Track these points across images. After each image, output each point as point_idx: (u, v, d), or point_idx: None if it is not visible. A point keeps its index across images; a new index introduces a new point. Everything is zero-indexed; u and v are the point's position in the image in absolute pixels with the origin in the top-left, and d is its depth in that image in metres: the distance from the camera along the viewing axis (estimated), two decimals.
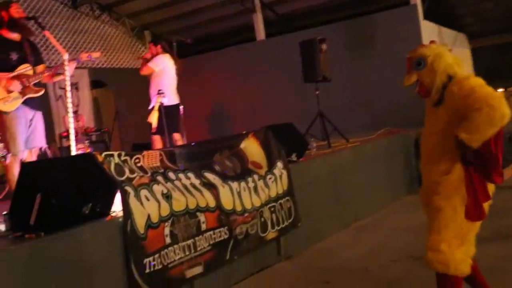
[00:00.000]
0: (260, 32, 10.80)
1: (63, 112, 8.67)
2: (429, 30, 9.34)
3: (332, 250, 4.81)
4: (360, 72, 9.17)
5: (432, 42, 2.95)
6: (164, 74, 6.41)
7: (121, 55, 11.61)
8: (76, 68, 8.26)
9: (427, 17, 9.32)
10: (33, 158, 4.59)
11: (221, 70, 10.85)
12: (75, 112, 8.60)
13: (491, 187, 2.73)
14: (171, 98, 6.29)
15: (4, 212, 3.19)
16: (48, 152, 4.85)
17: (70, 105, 4.32)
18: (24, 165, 3.13)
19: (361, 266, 4.20)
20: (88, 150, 6.75)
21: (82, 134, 7.03)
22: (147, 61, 6.50)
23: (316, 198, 5.17)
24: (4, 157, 5.23)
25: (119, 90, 10.87)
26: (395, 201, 6.38)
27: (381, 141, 6.87)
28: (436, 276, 2.73)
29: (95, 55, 4.69)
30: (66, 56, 4.29)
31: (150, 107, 6.12)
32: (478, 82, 2.64)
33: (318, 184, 5.27)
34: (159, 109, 5.89)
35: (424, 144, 2.91)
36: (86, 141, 6.96)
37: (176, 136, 6.37)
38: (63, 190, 3.00)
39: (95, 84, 11.11)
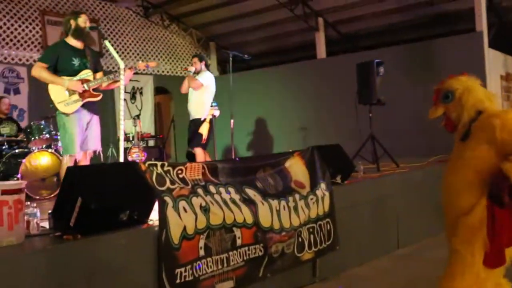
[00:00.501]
0: (321, 51, 10.72)
1: (127, 115, 8.94)
2: (493, 58, 8.99)
3: (370, 276, 4.67)
4: (418, 97, 8.89)
5: (463, 74, 2.73)
6: (208, 89, 6.66)
7: (185, 64, 11.83)
8: (141, 74, 8.54)
9: (492, 45, 8.98)
10: (87, 160, 4.74)
11: (277, 85, 10.80)
12: (138, 116, 8.84)
13: None
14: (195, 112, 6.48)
15: (49, 211, 3.30)
16: (102, 155, 4.96)
17: (122, 113, 4.42)
18: (69, 169, 3.20)
19: None
20: (143, 155, 6.89)
21: (138, 139, 7.18)
22: (192, 74, 6.75)
23: (358, 222, 5.05)
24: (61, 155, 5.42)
25: (178, 97, 11.06)
26: (442, 231, 6.12)
27: (433, 169, 6.63)
28: None
29: (152, 64, 4.81)
30: (122, 66, 4.42)
31: (202, 118, 6.20)
32: None
33: (362, 208, 5.15)
34: (210, 121, 5.96)
35: (448, 179, 2.69)
36: (142, 146, 7.10)
37: (199, 151, 6.49)
38: (103, 196, 3.06)
39: (159, 90, 11.38)
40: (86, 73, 4.69)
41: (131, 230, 3.21)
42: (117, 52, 10.32)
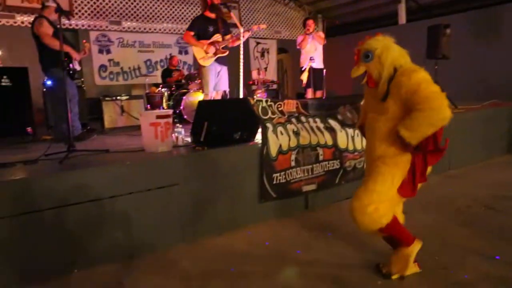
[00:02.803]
0: (402, 18, 9.61)
1: (256, 67, 8.86)
2: None
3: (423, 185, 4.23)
4: (479, 53, 7.69)
5: (377, 34, 2.14)
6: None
7: (298, 31, 11.30)
8: (268, 38, 8.23)
9: None
10: (219, 96, 4.72)
11: None
12: (265, 68, 8.73)
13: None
14: (318, 63, 6.00)
15: (190, 130, 3.34)
16: (228, 94, 4.92)
17: (241, 64, 4.28)
18: (199, 102, 3.19)
19: (438, 204, 3.63)
20: (264, 94, 6.79)
21: (261, 83, 7.08)
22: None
23: None
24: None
25: (293, 55, 10.69)
26: (488, 159, 5.38)
27: (485, 111, 5.76)
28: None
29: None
30: (241, 30, 4.24)
31: (303, 68, 5.87)
32: (426, 78, 1.95)
33: None
34: (309, 70, 5.61)
35: (374, 128, 2.15)
36: (264, 88, 7.01)
37: (319, 93, 6.05)
38: (221, 121, 3.03)
39: (281, 50, 11.08)
40: (217, 37, 4.58)
41: (241, 146, 3.17)
42: (252, 23, 10.17)
